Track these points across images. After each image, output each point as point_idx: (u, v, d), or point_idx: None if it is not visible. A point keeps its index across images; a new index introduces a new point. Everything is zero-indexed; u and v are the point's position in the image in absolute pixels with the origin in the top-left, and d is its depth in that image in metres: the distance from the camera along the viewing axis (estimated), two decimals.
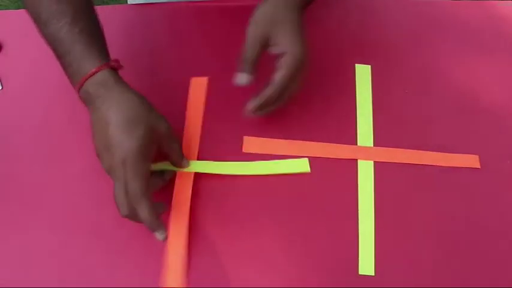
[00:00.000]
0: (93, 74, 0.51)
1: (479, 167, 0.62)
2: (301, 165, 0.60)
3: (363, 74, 0.67)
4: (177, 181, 0.58)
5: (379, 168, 0.61)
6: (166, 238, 0.51)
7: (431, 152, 0.62)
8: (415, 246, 0.56)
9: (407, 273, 0.54)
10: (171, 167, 0.58)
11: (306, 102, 0.65)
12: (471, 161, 0.62)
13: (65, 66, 0.53)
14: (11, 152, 0.61)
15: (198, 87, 0.64)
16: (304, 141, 0.62)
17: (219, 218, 0.57)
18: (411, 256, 0.55)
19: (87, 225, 0.56)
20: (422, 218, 0.58)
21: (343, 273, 0.54)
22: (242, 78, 0.57)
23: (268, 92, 0.56)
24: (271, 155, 0.61)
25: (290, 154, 0.61)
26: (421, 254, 0.56)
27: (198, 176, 0.58)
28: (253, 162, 0.60)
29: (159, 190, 0.56)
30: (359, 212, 0.58)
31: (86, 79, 0.51)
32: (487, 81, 0.69)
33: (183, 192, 0.57)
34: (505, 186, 0.60)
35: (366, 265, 0.55)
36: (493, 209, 0.59)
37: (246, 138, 0.62)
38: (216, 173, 0.59)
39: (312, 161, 0.61)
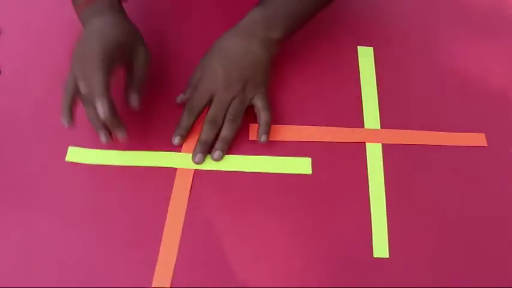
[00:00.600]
0: None
1: (487, 145, 0.62)
2: (303, 166, 0.59)
3: (366, 55, 0.67)
4: (176, 179, 0.57)
5: (388, 150, 0.60)
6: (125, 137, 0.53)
7: (438, 132, 0.62)
8: (428, 227, 0.56)
9: (422, 254, 0.54)
10: (166, 163, 0.58)
11: (309, 87, 0.64)
12: (478, 139, 0.62)
13: None
14: (8, 137, 0.60)
15: None
16: (311, 126, 0.61)
17: (225, 206, 0.56)
18: (424, 237, 0.55)
19: (86, 212, 0.55)
20: (433, 197, 0.58)
21: (358, 257, 0.54)
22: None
23: None
24: (278, 141, 0.60)
25: (297, 139, 0.60)
26: (434, 233, 0.55)
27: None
28: (254, 157, 0.59)
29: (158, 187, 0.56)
30: (370, 194, 0.57)
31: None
32: (491, 61, 0.69)
33: (181, 191, 0.56)
34: None
35: (380, 248, 0.54)
36: (502, 186, 0.59)
37: (252, 126, 0.61)
38: (217, 169, 0.58)
39: (320, 145, 0.60)
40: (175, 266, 0.52)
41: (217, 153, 0.57)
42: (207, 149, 0.58)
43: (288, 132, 0.61)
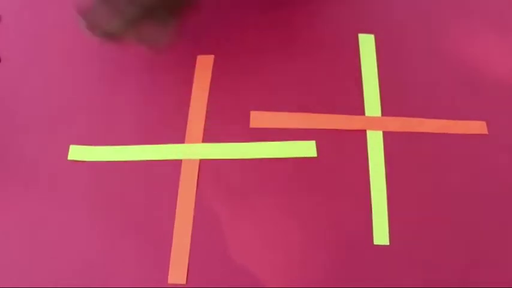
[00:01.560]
0: None
1: (487, 133, 0.61)
2: (308, 149, 0.59)
3: (367, 43, 0.66)
4: (183, 171, 0.57)
5: (388, 138, 0.60)
6: None
7: (439, 120, 0.61)
8: (428, 214, 0.56)
9: (422, 241, 0.54)
10: (170, 156, 0.57)
11: (310, 74, 0.64)
12: (478, 127, 0.62)
13: None
14: (9, 126, 0.60)
15: (204, 65, 0.63)
16: (312, 113, 0.61)
17: (231, 194, 0.56)
18: (425, 224, 0.55)
19: (94, 209, 0.55)
20: (433, 185, 0.57)
21: (358, 244, 0.54)
22: None
23: None
24: (279, 129, 0.60)
25: (298, 127, 0.60)
26: (435, 221, 0.55)
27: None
28: (258, 143, 0.59)
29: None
30: (371, 182, 0.57)
31: None
32: (494, 48, 0.68)
33: (188, 183, 0.56)
34: None
35: (381, 235, 0.54)
36: (503, 175, 0.59)
37: (252, 113, 0.61)
38: (221, 158, 0.58)
39: (320, 133, 0.60)
40: (189, 260, 0.52)
41: None
42: None
43: (288, 119, 0.61)
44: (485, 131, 0.61)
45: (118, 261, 0.52)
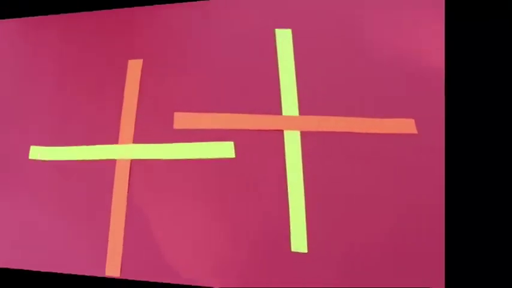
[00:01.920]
0: None
1: (416, 133, 0.58)
2: (226, 150, 0.58)
3: (284, 39, 0.63)
4: (116, 170, 0.59)
5: (307, 139, 0.57)
6: None
7: (361, 118, 0.59)
8: (348, 220, 0.53)
9: (341, 249, 0.51)
10: (106, 156, 0.60)
11: (228, 73, 0.61)
12: (406, 125, 0.59)
13: None
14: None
15: (134, 69, 0.64)
16: (231, 114, 0.59)
17: (154, 195, 0.57)
18: (344, 231, 0.52)
19: (43, 197, 0.58)
20: (355, 190, 0.55)
21: (275, 251, 0.51)
22: None
23: None
24: (204, 130, 0.59)
25: (217, 127, 0.59)
26: (356, 227, 0.53)
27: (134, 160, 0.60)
28: (179, 144, 0.59)
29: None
30: (288, 186, 0.54)
31: None
32: (418, 39, 0.66)
33: (121, 180, 0.58)
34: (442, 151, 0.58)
35: (298, 242, 0.51)
36: (431, 176, 0.57)
37: (176, 114, 0.60)
38: (149, 158, 0.59)
39: (241, 133, 0.58)
40: (123, 254, 0.54)
41: None
42: None
43: (209, 120, 0.59)
44: (413, 130, 0.58)
45: (66, 253, 0.55)
